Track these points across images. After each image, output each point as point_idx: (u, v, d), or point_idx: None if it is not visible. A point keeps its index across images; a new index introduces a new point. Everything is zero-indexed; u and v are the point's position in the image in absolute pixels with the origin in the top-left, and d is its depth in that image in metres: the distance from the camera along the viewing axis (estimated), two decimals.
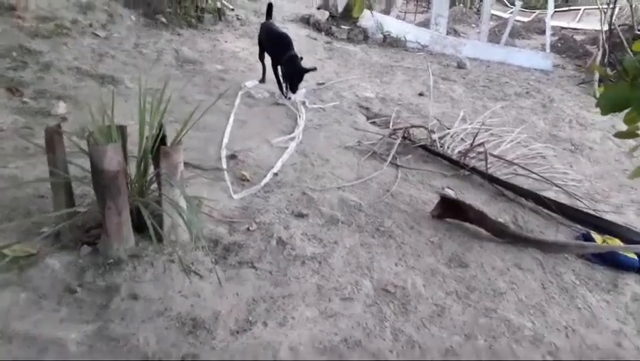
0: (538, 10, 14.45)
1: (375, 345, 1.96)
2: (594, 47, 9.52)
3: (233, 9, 8.07)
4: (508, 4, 15.35)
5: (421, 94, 6.00)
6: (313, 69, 4.72)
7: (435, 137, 4.19)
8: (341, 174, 3.44)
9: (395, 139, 4.03)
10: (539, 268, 2.73)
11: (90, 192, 2.35)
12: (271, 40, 4.90)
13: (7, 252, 2.02)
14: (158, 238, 2.13)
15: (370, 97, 5.54)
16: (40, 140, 2.20)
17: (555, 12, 10.96)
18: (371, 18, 8.62)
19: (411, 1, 13.06)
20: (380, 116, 4.94)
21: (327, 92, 5.43)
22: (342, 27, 8.92)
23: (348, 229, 2.76)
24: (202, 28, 6.75)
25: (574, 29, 12.71)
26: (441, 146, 4.12)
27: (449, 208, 3.02)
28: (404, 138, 4.11)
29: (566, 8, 15.00)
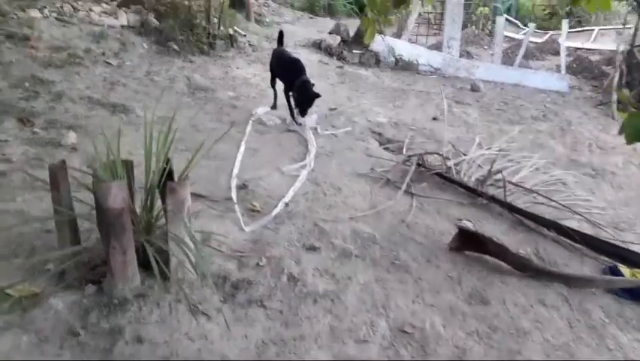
0: (552, 31, 14.36)
1: None
2: (610, 67, 9.38)
3: (245, 35, 8.14)
4: (521, 26, 15.30)
5: (434, 118, 5.92)
6: (317, 96, 4.57)
7: (450, 163, 4.09)
8: (354, 204, 3.34)
9: (409, 165, 3.93)
10: (565, 304, 2.58)
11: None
12: (283, 65, 4.89)
13: (11, 292, 1.96)
14: (164, 277, 2.05)
15: (383, 122, 5.47)
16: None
17: (569, 32, 10.87)
18: (382, 42, 8.61)
19: (422, 24, 13.08)
20: (393, 142, 4.87)
21: (339, 117, 5.38)
22: (354, 51, 8.94)
23: (362, 263, 2.65)
24: (214, 55, 6.78)
25: (589, 50, 12.59)
26: (457, 173, 4.01)
27: (468, 241, 2.90)
28: (418, 165, 4.01)
29: (580, 29, 14.89)
